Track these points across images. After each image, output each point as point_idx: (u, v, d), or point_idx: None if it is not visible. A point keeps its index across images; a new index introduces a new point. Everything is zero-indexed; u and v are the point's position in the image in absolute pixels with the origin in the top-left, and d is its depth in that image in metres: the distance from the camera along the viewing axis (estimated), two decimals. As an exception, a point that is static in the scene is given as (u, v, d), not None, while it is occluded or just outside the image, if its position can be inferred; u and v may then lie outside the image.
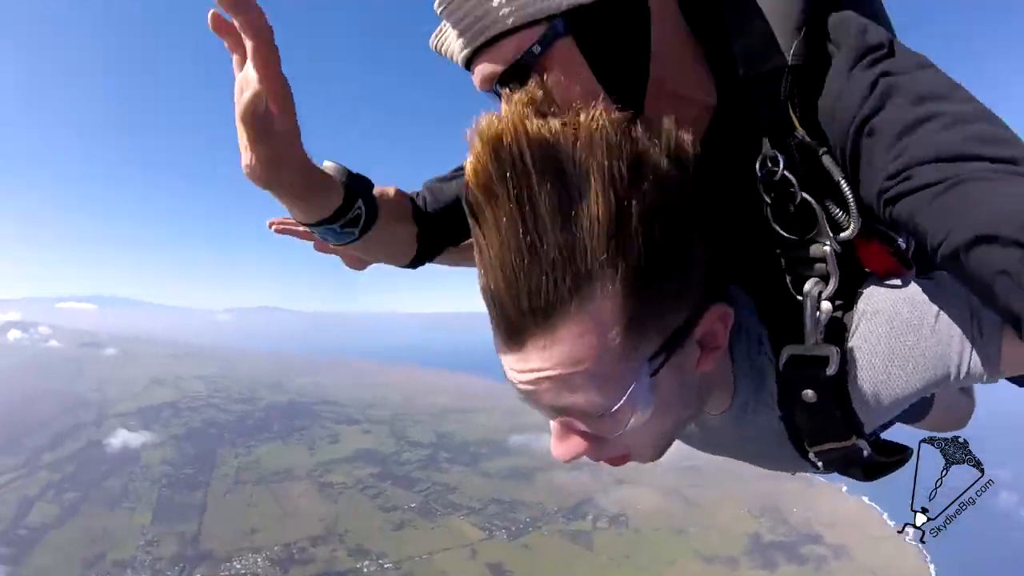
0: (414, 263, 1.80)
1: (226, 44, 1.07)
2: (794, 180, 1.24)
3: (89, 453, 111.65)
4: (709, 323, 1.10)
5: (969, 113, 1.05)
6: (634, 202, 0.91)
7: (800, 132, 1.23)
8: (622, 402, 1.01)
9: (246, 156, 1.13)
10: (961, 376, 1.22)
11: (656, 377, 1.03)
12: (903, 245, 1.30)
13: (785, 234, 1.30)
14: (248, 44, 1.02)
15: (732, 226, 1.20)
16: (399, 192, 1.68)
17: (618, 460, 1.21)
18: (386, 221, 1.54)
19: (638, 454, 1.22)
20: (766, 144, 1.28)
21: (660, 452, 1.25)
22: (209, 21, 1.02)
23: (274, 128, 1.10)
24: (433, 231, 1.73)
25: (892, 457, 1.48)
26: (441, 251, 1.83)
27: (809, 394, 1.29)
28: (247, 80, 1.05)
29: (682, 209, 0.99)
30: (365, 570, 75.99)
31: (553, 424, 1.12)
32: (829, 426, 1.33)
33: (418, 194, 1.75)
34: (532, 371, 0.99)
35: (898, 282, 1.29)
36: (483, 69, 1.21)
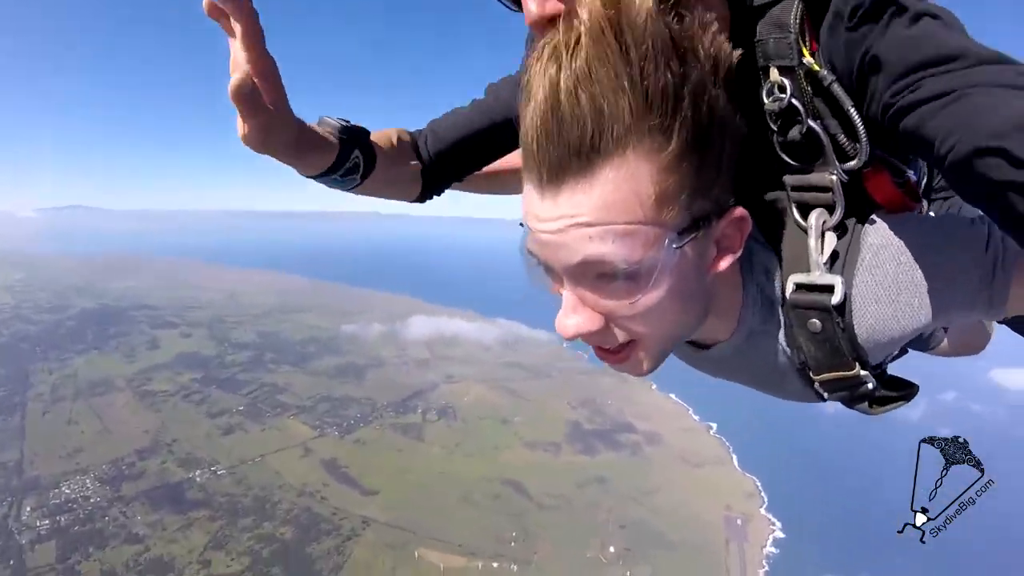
0: (420, 199, 2.07)
1: (222, 26, 1.20)
2: (801, 108, 1.28)
3: None
4: (728, 222, 1.17)
5: (970, 39, 1.11)
6: (687, 84, 0.99)
7: (808, 60, 1.26)
8: (646, 261, 1.06)
9: (241, 128, 1.26)
10: (969, 314, 1.33)
11: (677, 256, 1.10)
12: (913, 178, 1.41)
13: (791, 162, 1.36)
14: (236, 27, 1.16)
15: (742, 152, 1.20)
16: (401, 134, 1.91)
17: (618, 353, 1.26)
18: (387, 164, 1.76)
19: (638, 353, 1.26)
20: (774, 71, 1.31)
21: (659, 358, 1.30)
22: (204, 7, 1.16)
23: (262, 102, 1.23)
24: (436, 169, 1.97)
25: (899, 391, 1.55)
26: (446, 187, 2.09)
27: (815, 323, 1.34)
28: (236, 61, 1.19)
29: (723, 106, 1.06)
30: (198, 479, 77.12)
31: (566, 295, 1.17)
32: (833, 355, 1.38)
33: (422, 133, 1.97)
34: (563, 217, 1.05)
35: (907, 216, 1.38)
36: None
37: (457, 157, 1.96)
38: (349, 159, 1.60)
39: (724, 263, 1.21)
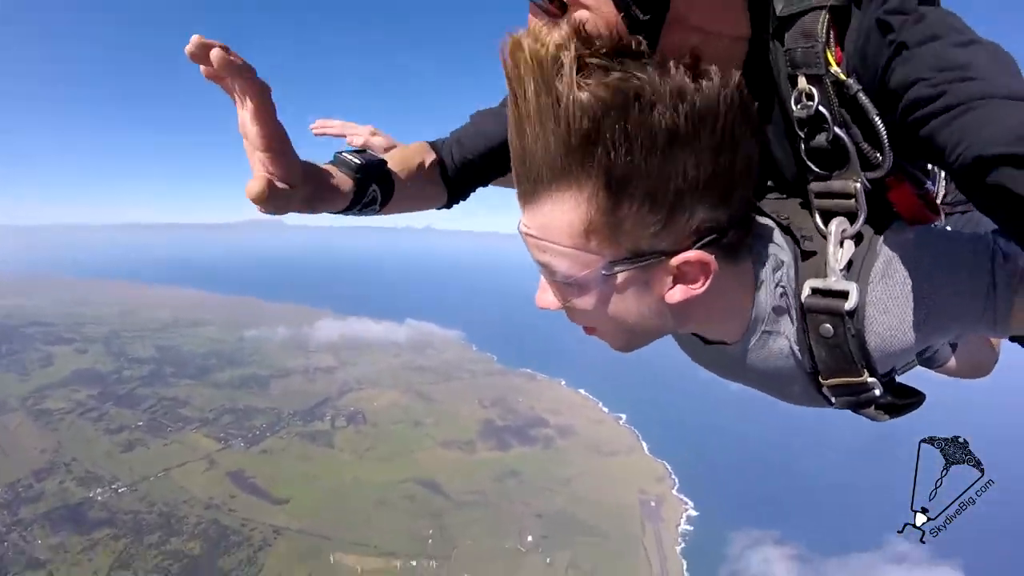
0: (447, 205, 2.15)
1: (223, 88, 1.20)
2: (828, 116, 1.34)
3: None
4: (684, 262, 1.25)
5: (993, 49, 1.15)
6: (613, 130, 1.08)
7: (835, 69, 1.31)
8: (573, 280, 1.27)
9: (256, 197, 1.24)
10: (974, 329, 1.40)
11: (612, 280, 1.28)
12: (931, 189, 1.48)
13: (816, 169, 1.42)
14: (248, 104, 1.18)
15: (762, 161, 1.28)
16: (423, 150, 1.99)
17: (587, 330, 1.46)
18: (406, 187, 1.82)
19: (604, 336, 1.46)
20: (802, 80, 1.37)
21: (622, 347, 1.49)
22: (203, 73, 1.15)
23: (281, 192, 1.27)
24: (462, 178, 2.05)
25: (906, 399, 1.60)
26: (472, 192, 2.17)
27: (827, 328, 1.40)
28: (245, 133, 1.23)
29: (667, 153, 1.12)
30: (99, 498, 74.74)
31: (542, 276, 1.38)
32: (843, 361, 1.44)
33: (446, 144, 2.05)
34: (524, 226, 1.29)
35: (921, 229, 1.43)
36: None
37: (483, 165, 2.07)
38: (366, 195, 1.64)
39: (679, 294, 1.30)
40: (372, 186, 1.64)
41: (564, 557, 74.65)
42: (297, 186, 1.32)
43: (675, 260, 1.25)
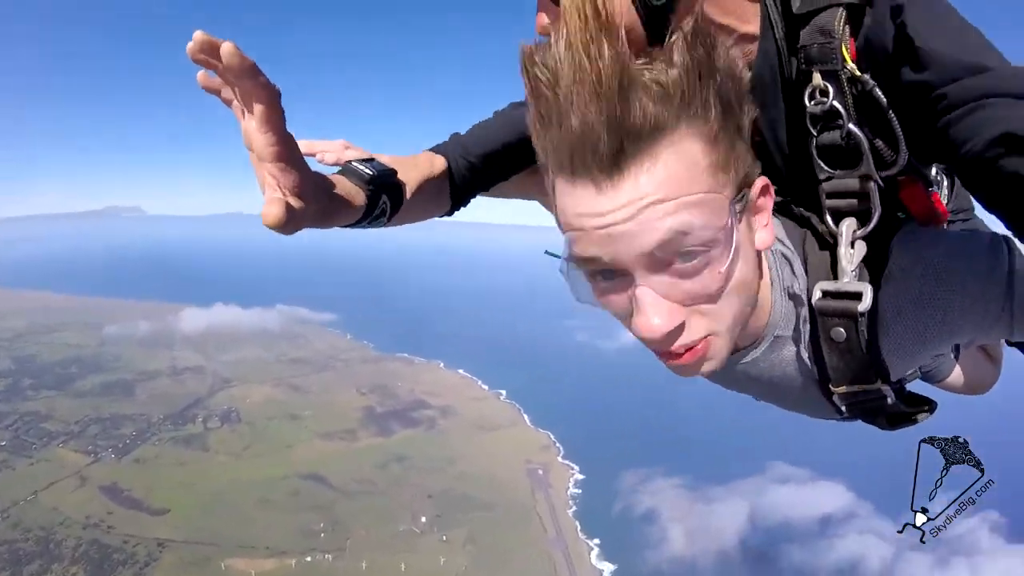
0: (448, 214, 2.13)
1: (221, 99, 1.12)
2: (843, 111, 1.33)
3: None
4: (758, 190, 1.21)
5: (992, 50, 1.20)
6: (717, 66, 1.08)
7: (851, 66, 1.31)
8: (722, 227, 1.10)
9: (272, 220, 1.13)
10: (989, 333, 1.38)
11: (737, 224, 1.15)
12: (937, 191, 1.50)
13: (828, 168, 1.40)
14: (256, 108, 1.06)
15: (773, 158, 1.31)
16: (430, 159, 1.94)
17: (692, 348, 1.22)
18: (414, 196, 1.76)
19: (713, 346, 1.24)
20: (816, 76, 1.36)
21: (728, 348, 1.28)
22: (199, 81, 1.07)
23: (297, 212, 1.15)
24: (467, 184, 2.03)
25: (917, 408, 1.59)
26: (473, 198, 2.14)
27: (840, 332, 1.37)
28: (254, 142, 1.10)
29: (742, 79, 1.17)
30: None
31: (643, 294, 1.13)
32: (856, 367, 1.41)
33: (449, 149, 2.01)
34: (633, 202, 1.06)
35: (933, 231, 1.43)
36: None
37: (488, 171, 2.06)
38: (377, 207, 1.58)
39: (767, 234, 1.26)
40: (383, 197, 1.60)
41: (460, 534, 77.89)
42: (310, 200, 1.23)
43: (755, 188, 1.22)
